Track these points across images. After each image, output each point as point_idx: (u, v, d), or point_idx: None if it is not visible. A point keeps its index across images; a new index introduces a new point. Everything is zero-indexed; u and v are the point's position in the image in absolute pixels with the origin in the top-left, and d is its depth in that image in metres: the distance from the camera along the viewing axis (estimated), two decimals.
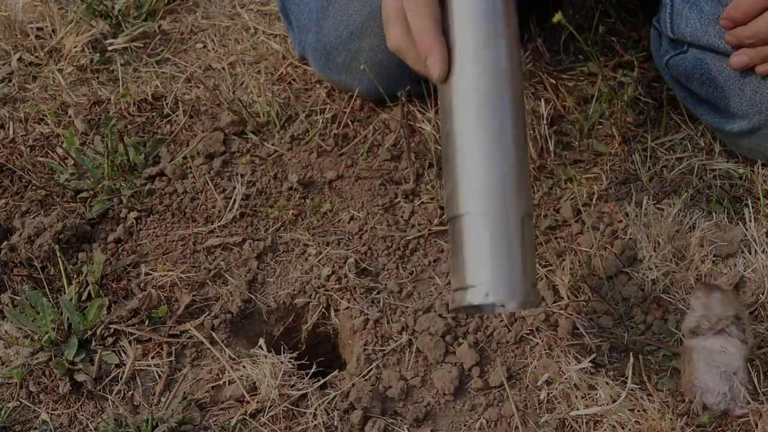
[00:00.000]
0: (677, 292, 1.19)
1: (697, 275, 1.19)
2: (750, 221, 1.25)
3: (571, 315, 1.16)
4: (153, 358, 1.16)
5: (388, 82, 1.38)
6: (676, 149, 1.39)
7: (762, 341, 1.13)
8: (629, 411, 1.05)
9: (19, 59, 1.64)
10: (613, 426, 1.05)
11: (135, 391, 1.13)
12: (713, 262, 1.21)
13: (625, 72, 1.49)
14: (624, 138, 1.41)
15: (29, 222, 1.30)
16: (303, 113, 1.47)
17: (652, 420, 1.04)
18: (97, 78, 1.60)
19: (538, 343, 1.14)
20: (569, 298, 1.19)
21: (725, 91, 1.24)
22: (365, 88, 1.42)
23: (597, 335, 1.15)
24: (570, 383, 1.09)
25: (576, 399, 1.08)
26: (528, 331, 1.16)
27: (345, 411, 1.09)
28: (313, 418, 1.08)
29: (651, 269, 1.20)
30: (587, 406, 1.07)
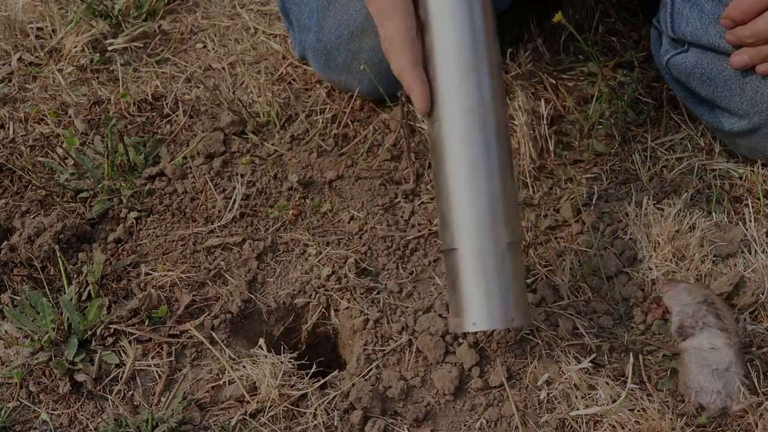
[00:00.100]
0: None
1: (697, 275, 1.19)
2: (750, 221, 1.25)
3: (571, 315, 1.16)
4: (153, 358, 1.16)
5: (388, 82, 1.38)
6: (676, 149, 1.39)
7: (762, 341, 1.13)
8: (629, 411, 1.05)
9: (19, 59, 1.64)
10: (613, 426, 1.05)
11: (135, 391, 1.13)
12: (713, 262, 1.21)
13: (625, 72, 1.49)
14: (624, 138, 1.41)
15: (29, 222, 1.30)
16: (303, 113, 1.47)
17: (652, 420, 1.04)
18: (97, 78, 1.60)
19: (538, 343, 1.14)
20: (569, 298, 1.19)
21: (725, 91, 1.24)
22: (365, 88, 1.42)
23: (597, 335, 1.15)
24: (570, 383, 1.09)
25: (576, 399, 1.08)
26: (528, 331, 1.15)
27: (345, 411, 1.09)
28: (313, 418, 1.08)
29: (651, 269, 1.20)
30: (587, 406, 1.07)
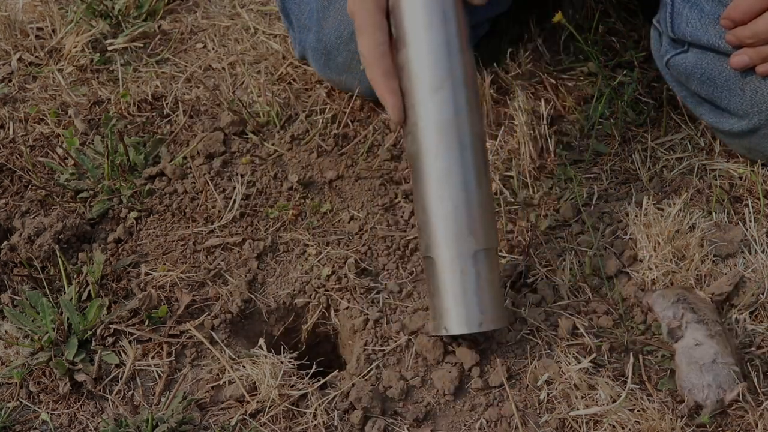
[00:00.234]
0: None
1: (697, 275, 1.19)
2: (750, 221, 1.25)
3: (571, 315, 1.16)
4: (153, 358, 1.16)
5: None
6: (676, 149, 1.39)
7: (762, 341, 1.13)
8: (629, 411, 1.05)
9: (19, 59, 1.64)
10: (613, 426, 1.05)
11: (135, 391, 1.13)
12: (713, 262, 1.21)
13: (625, 72, 1.49)
14: (624, 138, 1.41)
15: (29, 222, 1.30)
16: (303, 113, 1.47)
17: (652, 420, 1.04)
18: (97, 78, 1.60)
19: (538, 343, 1.14)
20: (569, 298, 1.19)
21: (725, 91, 1.24)
22: (365, 88, 1.42)
23: (597, 335, 1.15)
24: (570, 383, 1.09)
25: (576, 399, 1.08)
26: (528, 331, 1.15)
27: (345, 411, 1.09)
28: (313, 418, 1.08)
29: (651, 269, 1.20)
30: (587, 406, 1.07)
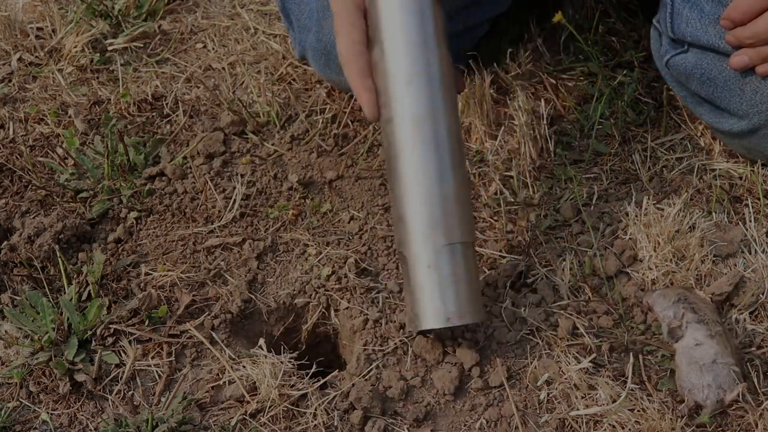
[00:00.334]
0: None
1: (697, 275, 1.19)
2: (750, 221, 1.25)
3: (571, 315, 1.16)
4: (153, 358, 1.16)
5: None
6: (676, 149, 1.39)
7: (762, 341, 1.13)
8: (629, 411, 1.05)
9: (19, 59, 1.64)
10: (613, 426, 1.05)
11: (135, 391, 1.13)
12: (713, 262, 1.21)
13: (625, 72, 1.49)
14: (624, 138, 1.41)
15: (29, 222, 1.30)
16: (303, 113, 1.47)
17: (652, 420, 1.04)
18: (97, 78, 1.60)
19: (538, 343, 1.14)
20: (569, 298, 1.19)
21: (725, 91, 1.24)
22: None
23: (597, 335, 1.15)
24: (570, 383, 1.09)
25: (576, 399, 1.08)
26: (528, 331, 1.15)
27: (345, 411, 1.09)
28: (313, 418, 1.08)
29: (651, 269, 1.20)
30: (587, 406, 1.07)
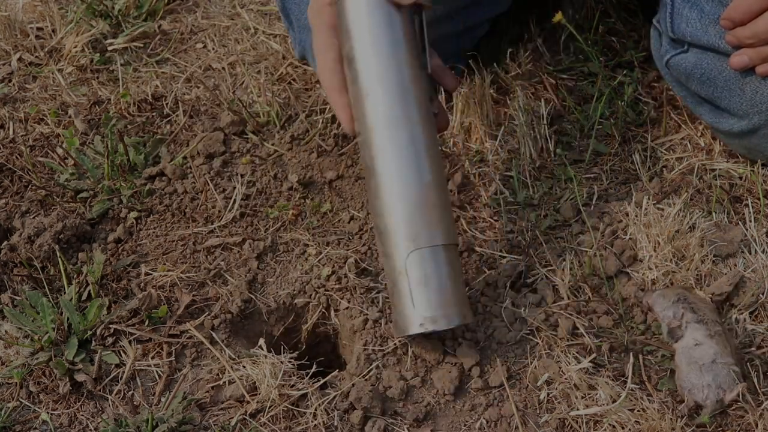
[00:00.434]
0: None
1: (697, 275, 1.19)
2: (750, 221, 1.25)
3: (571, 315, 1.16)
4: (153, 358, 1.16)
5: None
6: (676, 149, 1.39)
7: (762, 341, 1.13)
8: (629, 411, 1.05)
9: (19, 59, 1.64)
10: (613, 426, 1.05)
11: (135, 391, 1.13)
12: (713, 262, 1.21)
13: (625, 72, 1.49)
14: (624, 138, 1.41)
15: (29, 222, 1.30)
16: (303, 113, 1.47)
17: (652, 420, 1.04)
18: (97, 78, 1.60)
19: (538, 343, 1.14)
20: (569, 298, 1.19)
21: (725, 91, 1.24)
22: None
23: (597, 335, 1.15)
24: (570, 383, 1.09)
25: (576, 399, 1.08)
26: (528, 331, 1.16)
27: (345, 411, 1.09)
28: (313, 418, 1.08)
29: (651, 269, 1.20)
30: (587, 406, 1.07)
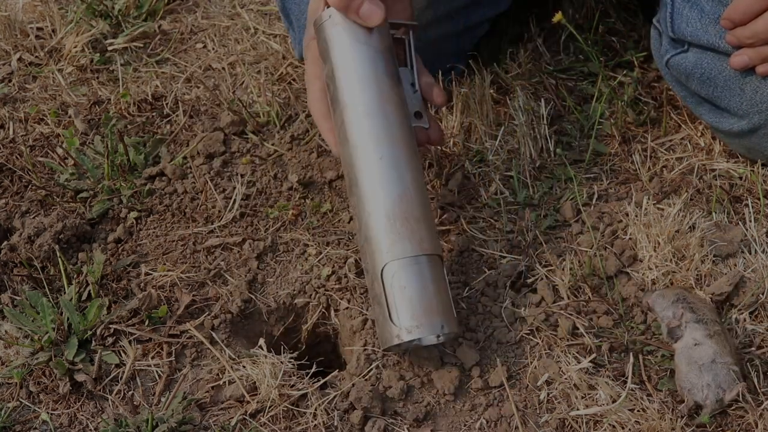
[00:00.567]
0: None
1: (697, 275, 1.19)
2: (750, 221, 1.25)
3: (571, 315, 1.16)
4: (153, 358, 1.16)
5: None
6: (676, 149, 1.39)
7: (762, 341, 1.13)
8: (629, 411, 1.05)
9: (19, 59, 1.64)
10: (613, 426, 1.05)
11: (135, 391, 1.13)
12: (713, 262, 1.21)
13: (625, 72, 1.49)
14: (624, 138, 1.41)
15: (29, 222, 1.30)
16: (303, 113, 1.47)
17: (652, 420, 1.04)
18: (97, 78, 1.60)
19: (538, 343, 1.14)
20: (569, 298, 1.19)
21: (725, 91, 1.24)
22: None
23: (597, 335, 1.15)
24: (570, 383, 1.09)
25: (576, 399, 1.08)
26: (528, 331, 1.16)
27: (345, 411, 1.09)
28: (313, 418, 1.08)
29: (651, 269, 1.20)
30: (587, 406, 1.07)
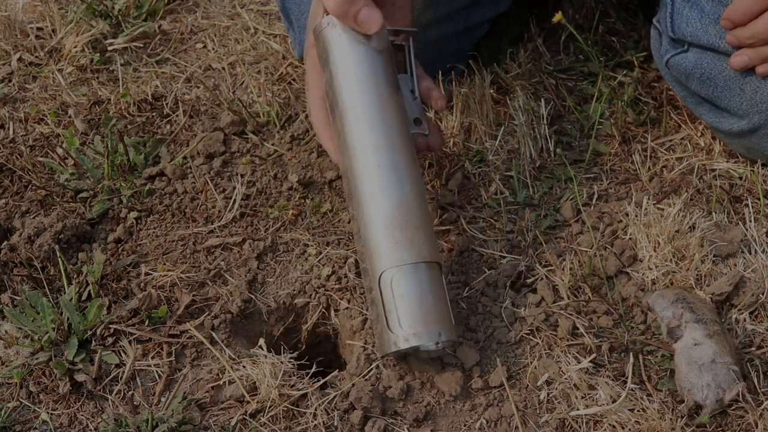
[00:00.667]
0: None
1: (697, 275, 1.19)
2: (750, 221, 1.25)
3: (571, 315, 1.16)
4: (153, 358, 1.16)
5: None
6: (676, 149, 1.39)
7: (762, 341, 1.13)
8: (629, 411, 1.05)
9: (19, 59, 1.64)
10: (613, 426, 1.05)
11: (135, 391, 1.13)
12: (713, 262, 1.21)
13: (625, 72, 1.49)
14: (624, 138, 1.41)
15: (29, 222, 1.30)
16: (303, 113, 1.47)
17: (652, 420, 1.04)
18: (97, 78, 1.60)
19: (538, 343, 1.14)
20: (569, 298, 1.19)
21: (725, 91, 1.24)
22: None
23: (597, 335, 1.15)
24: (570, 383, 1.09)
25: (576, 399, 1.08)
26: (528, 331, 1.15)
27: (345, 411, 1.09)
28: (313, 418, 1.08)
29: (651, 269, 1.20)
30: (587, 406, 1.07)
